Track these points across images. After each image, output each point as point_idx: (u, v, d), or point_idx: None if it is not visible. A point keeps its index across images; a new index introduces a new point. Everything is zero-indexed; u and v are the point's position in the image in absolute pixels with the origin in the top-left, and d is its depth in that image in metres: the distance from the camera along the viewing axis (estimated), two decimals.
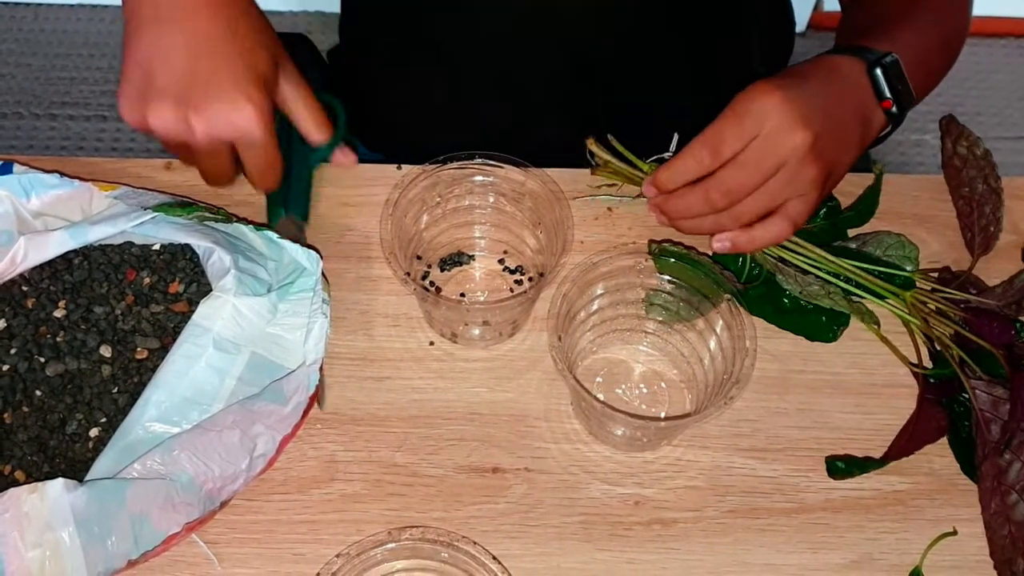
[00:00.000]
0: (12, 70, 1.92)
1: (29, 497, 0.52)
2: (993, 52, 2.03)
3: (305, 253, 0.62)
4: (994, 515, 0.58)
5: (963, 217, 0.72)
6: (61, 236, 0.63)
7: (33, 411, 0.59)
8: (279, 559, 0.57)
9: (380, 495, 0.60)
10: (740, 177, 0.61)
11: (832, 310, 0.66)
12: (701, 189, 0.62)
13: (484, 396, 0.64)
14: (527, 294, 0.62)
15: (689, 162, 0.62)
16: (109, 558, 0.52)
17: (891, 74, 0.64)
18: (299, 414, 0.59)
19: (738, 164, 0.61)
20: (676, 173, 0.63)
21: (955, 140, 0.72)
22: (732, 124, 0.61)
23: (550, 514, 0.60)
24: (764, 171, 0.61)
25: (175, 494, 0.54)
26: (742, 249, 0.65)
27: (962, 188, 0.72)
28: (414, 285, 0.61)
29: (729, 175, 0.61)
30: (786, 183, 0.61)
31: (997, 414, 0.60)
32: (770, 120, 0.60)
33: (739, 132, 0.60)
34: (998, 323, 0.64)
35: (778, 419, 0.64)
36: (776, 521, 0.60)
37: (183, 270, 0.65)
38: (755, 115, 0.60)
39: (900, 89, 0.65)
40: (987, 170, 0.71)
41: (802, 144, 0.60)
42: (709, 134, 0.61)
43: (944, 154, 0.73)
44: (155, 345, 0.62)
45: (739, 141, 0.60)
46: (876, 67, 0.64)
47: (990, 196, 0.70)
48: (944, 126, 0.73)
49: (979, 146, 0.71)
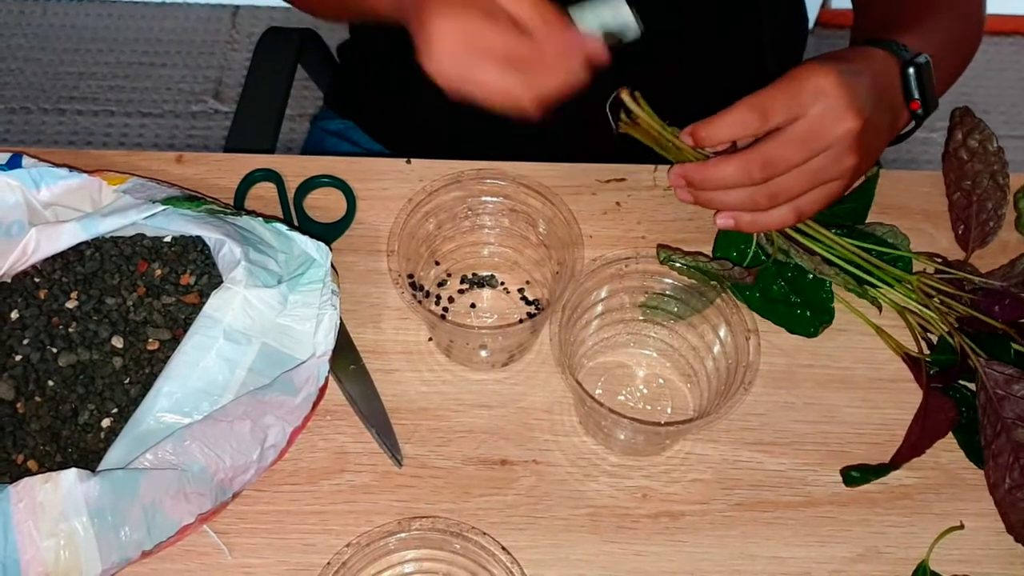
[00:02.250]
0: (21, 65, 1.92)
1: (43, 487, 0.52)
2: (1002, 50, 2.02)
3: (315, 245, 0.63)
4: (1011, 489, 0.58)
5: (958, 210, 0.71)
6: (73, 227, 0.63)
7: (46, 401, 0.60)
8: (289, 549, 0.58)
9: (389, 486, 0.60)
10: (784, 151, 0.59)
11: (818, 306, 0.66)
12: (740, 158, 0.60)
13: (492, 389, 0.64)
14: (522, 323, 0.62)
15: (733, 119, 0.60)
16: (123, 548, 0.53)
17: (923, 75, 0.64)
18: (309, 405, 0.59)
19: (784, 138, 0.59)
20: (718, 128, 0.61)
21: (967, 132, 0.72)
22: (785, 94, 0.59)
23: (558, 506, 0.60)
24: (809, 150, 0.59)
25: (187, 484, 0.55)
26: (744, 228, 0.64)
27: (963, 181, 0.71)
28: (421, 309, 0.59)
29: (773, 147, 0.59)
30: (826, 167, 0.60)
31: (1009, 391, 0.60)
32: (826, 100, 0.58)
33: (791, 104, 0.59)
34: (1009, 300, 0.64)
35: (786, 413, 0.64)
36: (783, 514, 0.60)
37: (194, 262, 0.65)
38: (811, 91, 0.59)
39: (927, 91, 0.64)
40: (996, 166, 0.71)
41: (851, 130, 0.59)
42: (759, 98, 0.59)
43: (950, 145, 0.72)
44: (166, 336, 0.62)
45: (788, 112, 0.59)
46: (910, 67, 0.64)
47: (994, 192, 0.70)
48: (958, 117, 0.72)
49: (992, 142, 0.71)
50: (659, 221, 0.72)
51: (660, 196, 0.72)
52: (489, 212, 0.66)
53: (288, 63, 1.02)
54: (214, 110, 1.88)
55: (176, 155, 0.74)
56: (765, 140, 0.60)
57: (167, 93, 1.90)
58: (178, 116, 1.87)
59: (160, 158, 0.74)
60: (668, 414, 0.64)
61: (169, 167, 0.73)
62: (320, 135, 1.00)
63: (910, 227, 0.70)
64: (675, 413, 0.64)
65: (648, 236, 0.71)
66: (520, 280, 0.69)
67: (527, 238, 0.67)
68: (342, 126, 0.99)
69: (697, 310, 0.62)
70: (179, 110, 1.88)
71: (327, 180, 0.73)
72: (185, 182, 0.72)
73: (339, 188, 0.72)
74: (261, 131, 0.97)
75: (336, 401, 0.63)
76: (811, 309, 0.67)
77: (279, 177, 0.72)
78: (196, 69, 1.93)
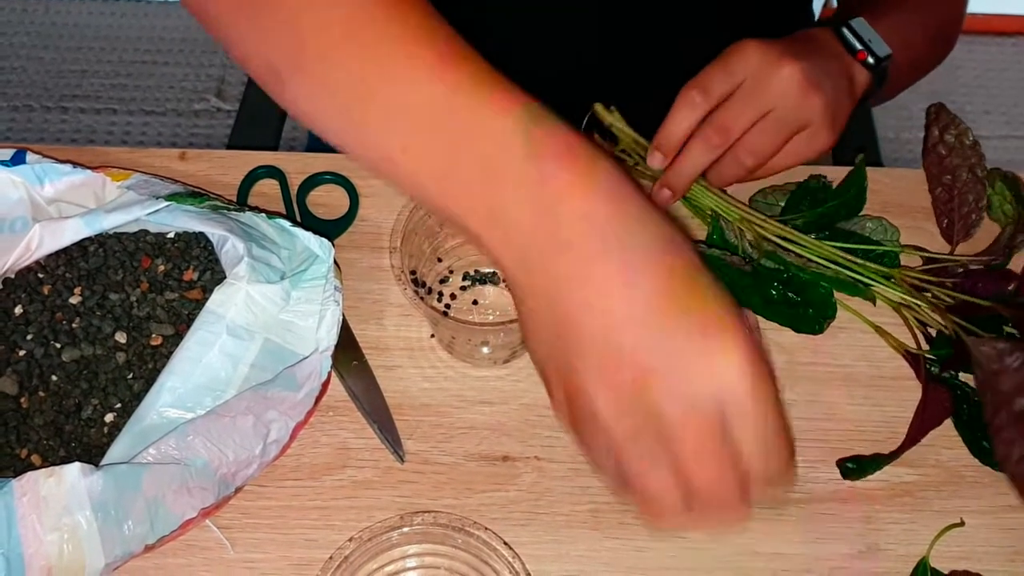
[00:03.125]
0: (23, 63, 1.93)
1: (47, 481, 0.52)
2: (1002, 51, 2.02)
3: (317, 241, 0.63)
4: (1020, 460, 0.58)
5: (940, 204, 0.72)
6: (76, 223, 0.64)
7: (49, 396, 0.60)
8: (291, 544, 0.58)
9: (391, 482, 0.60)
10: (733, 110, 0.62)
11: (819, 303, 0.67)
12: (698, 136, 0.63)
13: (494, 385, 0.65)
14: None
15: (682, 108, 0.63)
16: (126, 542, 0.53)
17: (857, 30, 0.68)
18: (312, 400, 0.59)
19: (730, 101, 0.63)
20: (672, 124, 0.64)
21: (943, 128, 0.72)
22: (717, 67, 0.63)
23: (560, 502, 0.60)
24: (758, 102, 0.62)
25: (190, 479, 0.55)
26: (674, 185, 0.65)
27: (943, 176, 0.72)
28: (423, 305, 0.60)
29: (721, 112, 0.63)
30: (792, 111, 0.63)
31: (1003, 365, 0.60)
32: (754, 59, 0.62)
33: (725, 73, 0.62)
34: (989, 274, 0.66)
35: (787, 410, 0.64)
36: (784, 511, 0.60)
37: (197, 258, 0.65)
38: (739, 57, 0.62)
39: (870, 41, 0.67)
40: (974, 159, 0.71)
41: (792, 73, 0.62)
42: (695, 79, 0.63)
43: (928, 141, 0.73)
44: (169, 332, 0.62)
45: (727, 81, 0.62)
46: (842, 27, 0.68)
47: (974, 185, 0.71)
48: (933, 113, 0.73)
49: (968, 135, 0.72)
50: None
51: None
52: None
53: None
54: (216, 108, 1.88)
55: (179, 152, 0.74)
56: (716, 109, 0.63)
57: (170, 91, 1.91)
58: (180, 114, 1.87)
59: (163, 155, 0.74)
60: None
61: (172, 164, 0.74)
62: None
63: (910, 224, 0.71)
64: None
65: None
66: None
67: None
68: None
69: None
70: (182, 108, 1.88)
71: (330, 177, 0.73)
72: (188, 179, 0.72)
73: (342, 185, 0.73)
74: (264, 129, 0.98)
75: (338, 397, 0.63)
76: (813, 307, 0.67)
77: (282, 174, 0.72)
78: (199, 67, 1.94)
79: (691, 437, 0.39)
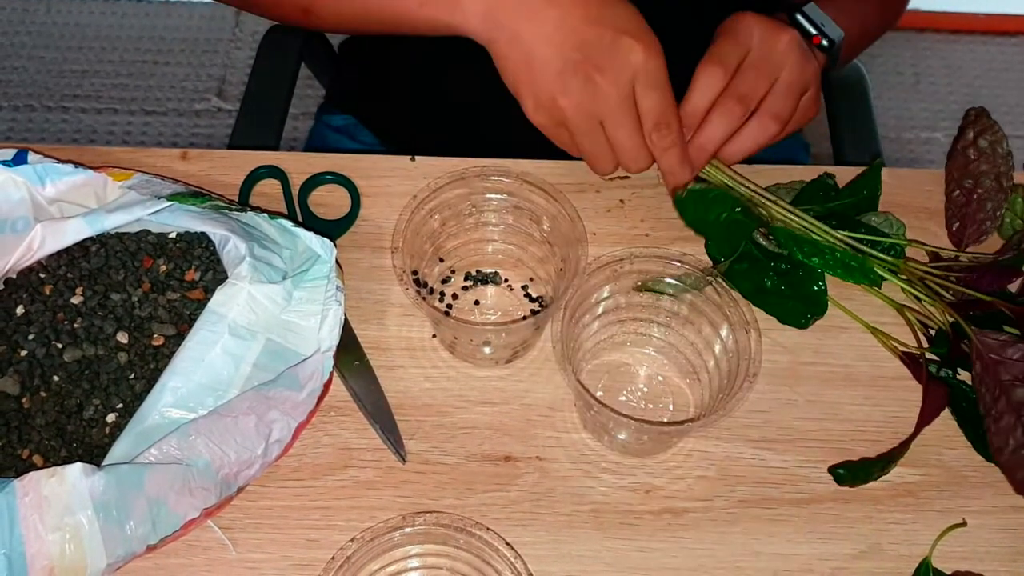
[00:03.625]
0: (25, 63, 1.93)
1: (48, 481, 0.52)
2: (1004, 50, 2.02)
3: (319, 241, 0.63)
4: (1016, 449, 0.58)
5: (955, 207, 0.72)
6: (78, 223, 0.64)
7: (51, 396, 0.60)
8: (293, 544, 0.58)
9: (393, 482, 0.60)
10: (748, 80, 0.65)
11: (810, 298, 0.67)
12: (718, 108, 0.65)
13: (496, 385, 0.65)
14: (526, 320, 0.62)
15: (706, 81, 0.65)
16: (128, 542, 0.53)
17: (810, 15, 0.72)
18: (314, 400, 0.59)
19: (743, 72, 0.65)
20: (697, 98, 0.65)
21: (979, 132, 0.72)
22: (726, 41, 0.66)
23: (561, 502, 0.60)
24: (770, 71, 0.65)
25: (192, 479, 0.55)
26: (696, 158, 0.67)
27: (965, 179, 0.72)
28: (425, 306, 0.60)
29: (737, 82, 0.65)
30: (798, 74, 0.66)
31: (1004, 356, 0.60)
32: (757, 29, 0.66)
33: (735, 46, 0.66)
34: (994, 269, 0.66)
35: (789, 411, 0.64)
36: (786, 511, 0.60)
37: (199, 258, 0.65)
38: (742, 30, 0.66)
39: (823, 25, 0.71)
40: (1003, 168, 0.71)
41: (791, 39, 0.66)
42: (710, 56, 0.66)
43: (959, 142, 0.73)
44: (171, 332, 0.62)
45: (737, 53, 0.65)
46: (796, 13, 0.72)
47: (996, 193, 0.71)
48: (972, 116, 0.73)
49: (1003, 144, 0.72)
50: (663, 219, 0.72)
51: (664, 193, 0.72)
52: (493, 209, 0.66)
53: (291, 61, 1.02)
54: (217, 108, 1.88)
55: (181, 152, 0.74)
56: (731, 80, 0.65)
57: (171, 91, 1.91)
58: (181, 114, 1.87)
59: (165, 155, 0.74)
60: (671, 411, 0.64)
61: (174, 164, 0.74)
62: (323, 132, 1.01)
63: (912, 224, 0.71)
64: (676, 411, 0.64)
65: (652, 233, 0.71)
66: (524, 277, 0.69)
67: (531, 235, 0.67)
68: (345, 123, 0.99)
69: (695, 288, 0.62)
70: (183, 108, 1.88)
71: (331, 177, 0.73)
72: (190, 179, 0.72)
73: (343, 185, 0.73)
74: (265, 129, 0.98)
75: (340, 397, 0.63)
76: (803, 301, 0.67)
77: (283, 174, 0.72)
78: (200, 67, 1.94)
79: (613, 107, 0.62)
